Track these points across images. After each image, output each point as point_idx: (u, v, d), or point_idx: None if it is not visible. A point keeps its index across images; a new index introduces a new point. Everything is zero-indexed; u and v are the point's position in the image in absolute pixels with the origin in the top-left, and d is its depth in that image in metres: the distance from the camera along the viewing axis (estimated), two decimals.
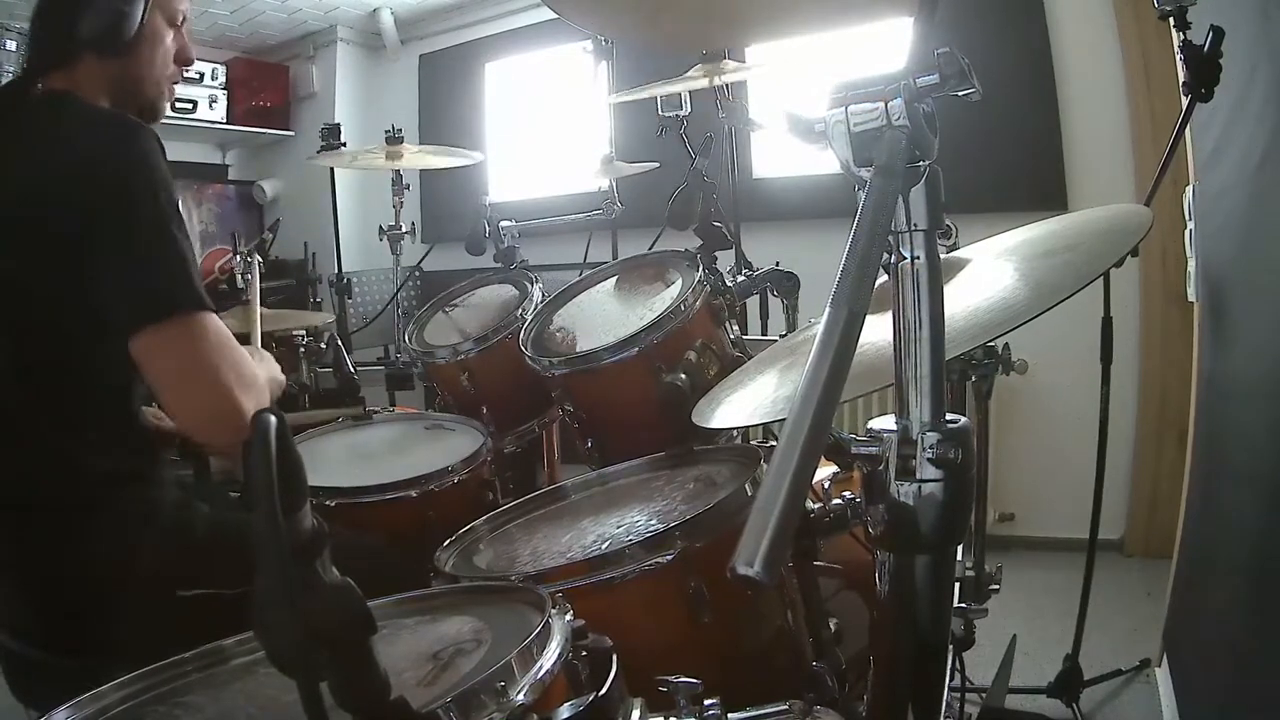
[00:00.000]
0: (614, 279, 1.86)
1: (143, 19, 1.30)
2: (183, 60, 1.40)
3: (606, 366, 1.51)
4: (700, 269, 1.60)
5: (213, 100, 4.48)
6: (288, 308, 3.90)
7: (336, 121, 3.45)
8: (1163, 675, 2.20)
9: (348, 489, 1.52)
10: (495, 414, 1.87)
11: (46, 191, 1.17)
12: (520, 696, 0.66)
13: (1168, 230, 2.59)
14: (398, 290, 3.19)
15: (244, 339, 1.52)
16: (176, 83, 1.42)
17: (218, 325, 1.19)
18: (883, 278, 0.61)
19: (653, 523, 1.17)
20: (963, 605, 1.63)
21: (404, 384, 2.91)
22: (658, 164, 2.83)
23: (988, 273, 1.03)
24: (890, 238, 0.65)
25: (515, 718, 0.65)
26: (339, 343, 2.13)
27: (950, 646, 0.86)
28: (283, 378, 1.43)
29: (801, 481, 0.43)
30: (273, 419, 0.51)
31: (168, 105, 1.41)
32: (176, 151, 1.24)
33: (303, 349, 2.21)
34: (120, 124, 1.21)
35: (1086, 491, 2.23)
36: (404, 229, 3.18)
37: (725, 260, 1.90)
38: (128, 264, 1.16)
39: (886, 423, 0.68)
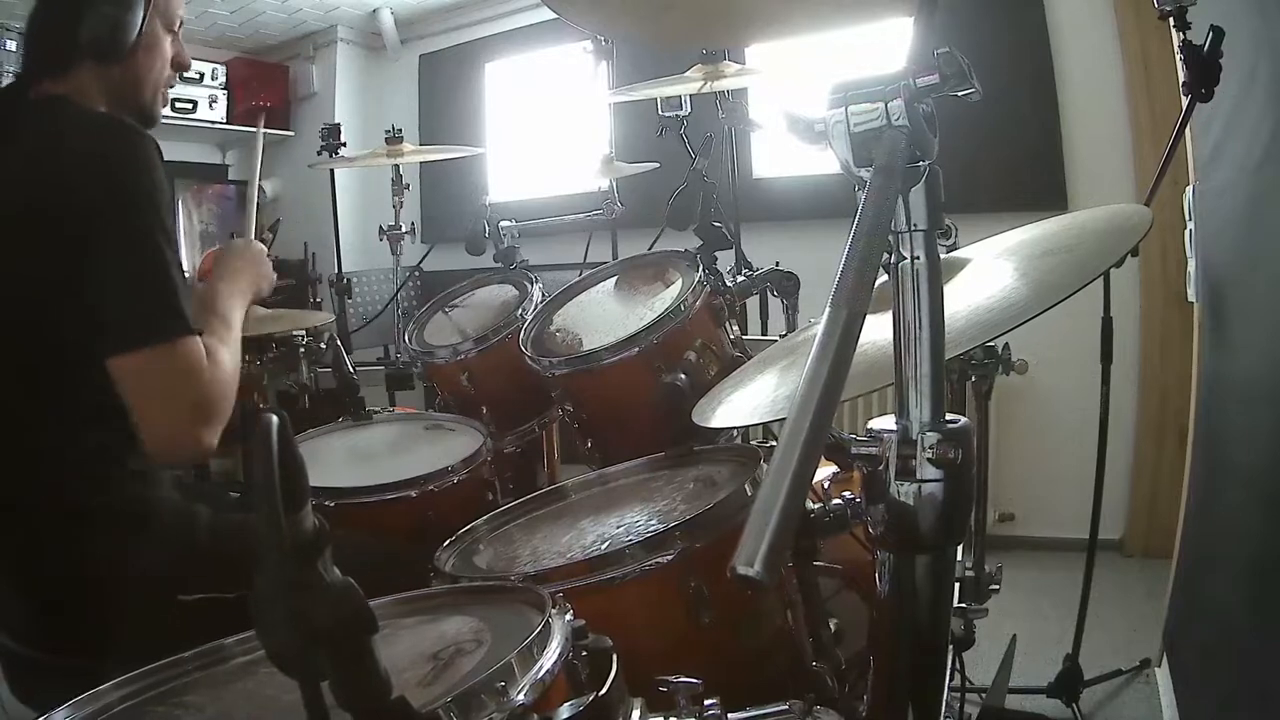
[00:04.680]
0: (614, 279, 1.86)
1: (142, 26, 1.30)
2: (179, 65, 1.40)
3: (606, 366, 1.51)
4: (700, 269, 1.60)
5: (213, 100, 4.48)
6: (288, 308, 3.89)
7: (336, 122, 3.46)
8: (1163, 675, 2.20)
9: (348, 489, 1.52)
10: (495, 414, 1.87)
11: (43, 198, 1.16)
12: (520, 696, 0.66)
13: (1168, 230, 2.59)
14: (398, 290, 3.19)
15: None
16: (172, 87, 1.42)
17: (195, 353, 1.17)
18: (883, 278, 0.61)
19: (653, 523, 1.17)
20: (963, 605, 1.63)
21: (404, 384, 2.91)
22: (658, 164, 2.83)
23: (988, 273, 1.03)
24: (890, 238, 0.65)
25: (515, 718, 0.65)
26: (339, 343, 2.12)
27: (950, 646, 0.86)
28: (273, 275, 1.46)
29: (801, 481, 0.43)
30: (274, 419, 0.51)
31: (162, 111, 1.41)
32: (176, 151, 1.24)
33: (303, 349, 2.21)
34: (120, 130, 1.21)
35: (1086, 491, 2.23)
36: (404, 229, 3.18)
37: (725, 260, 1.90)
38: (115, 281, 1.15)
39: (886, 423, 0.68)
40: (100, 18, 1.26)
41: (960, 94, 0.62)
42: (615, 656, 0.75)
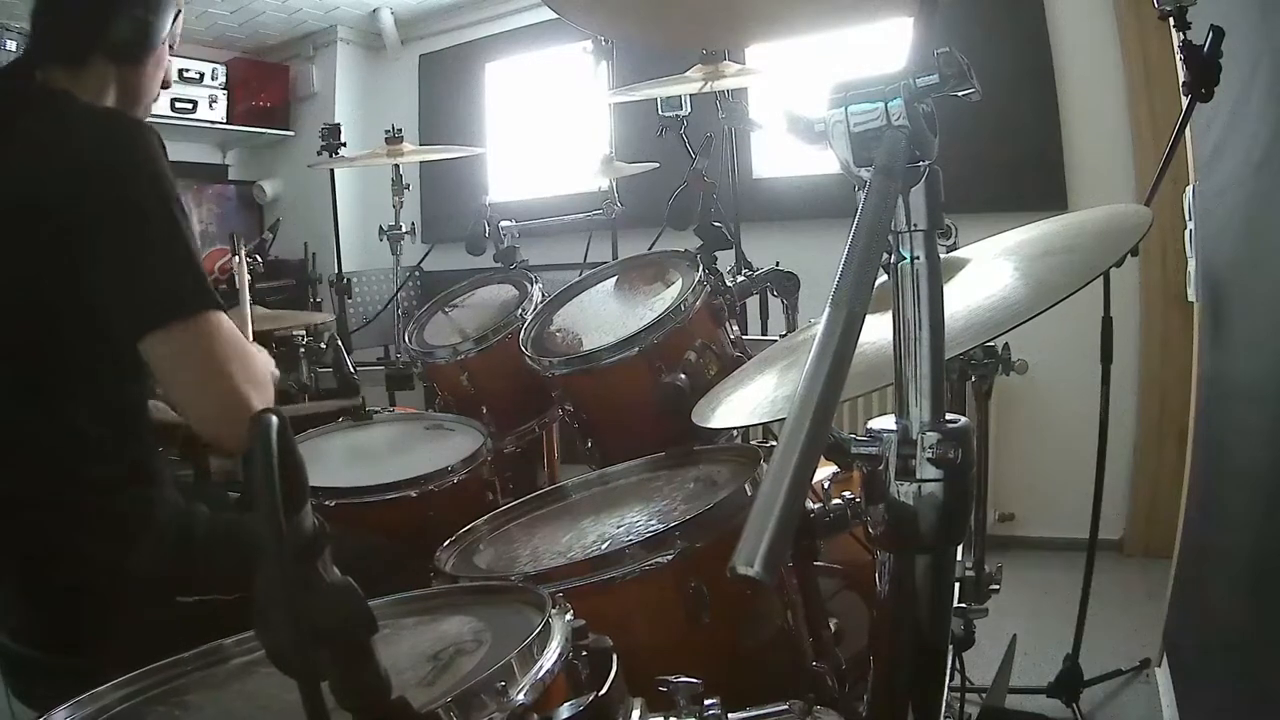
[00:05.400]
0: (614, 279, 1.86)
1: (165, 35, 1.32)
2: (166, 84, 1.42)
3: (606, 366, 1.51)
4: (700, 269, 1.60)
5: (213, 100, 4.48)
6: (288, 308, 3.89)
7: (337, 122, 3.46)
8: (1163, 675, 2.20)
9: (348, 489, 1.52)
10: (495, 414, 1.87)
11: (49, 190, 1.16)
12: (520, 696, 0.66)
13: (1168, 230, 2.59)
14: (398, 290, 3.19)
15: None
16: (155, 101, 1.44)
17: (227, 323, 1.19)
18: (883, 278, 0.61)
19: (653, 523, 1.17)
20: (963, 605, 1.63)
21: (404, 384, 2.91)
22: (658, 164, 2.83)
23: (987, 273, 1.03)
24: (890, 238, 0.65)
25: (515, 718, 0.65)
26: (339, 343, 2.13)
27: (950, 646, 0.86)
28: (277, 372, 1.44)
29: (801, 481, 0.43)
30: (274, 419, 0.51)
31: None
32: (176, 151, 1.24)
33: (303, 349, 2.21)
34: (122, 121, 1.21)
35: (1086, 491, 2.23)
36: (404, 229, 3.19)
37: (725, 260, 1.90)
38: (137, 264, 1.15)
39: (886, 423, 0.68)
40: (131, 19, 1.28)
41: (960, 94, 0.62)
42: (615, 656, 0.75)
